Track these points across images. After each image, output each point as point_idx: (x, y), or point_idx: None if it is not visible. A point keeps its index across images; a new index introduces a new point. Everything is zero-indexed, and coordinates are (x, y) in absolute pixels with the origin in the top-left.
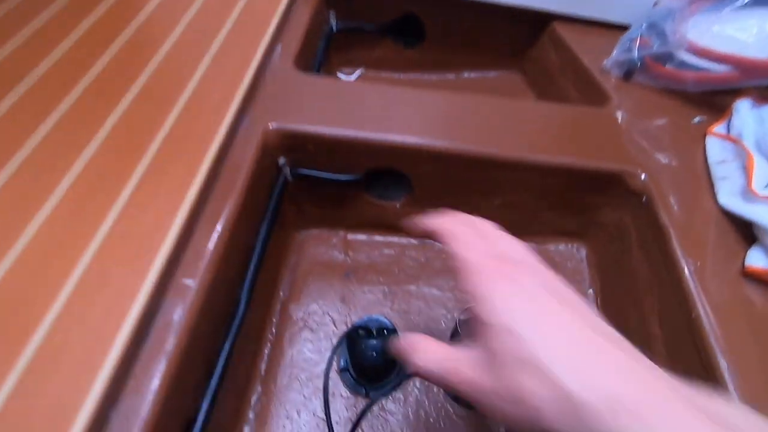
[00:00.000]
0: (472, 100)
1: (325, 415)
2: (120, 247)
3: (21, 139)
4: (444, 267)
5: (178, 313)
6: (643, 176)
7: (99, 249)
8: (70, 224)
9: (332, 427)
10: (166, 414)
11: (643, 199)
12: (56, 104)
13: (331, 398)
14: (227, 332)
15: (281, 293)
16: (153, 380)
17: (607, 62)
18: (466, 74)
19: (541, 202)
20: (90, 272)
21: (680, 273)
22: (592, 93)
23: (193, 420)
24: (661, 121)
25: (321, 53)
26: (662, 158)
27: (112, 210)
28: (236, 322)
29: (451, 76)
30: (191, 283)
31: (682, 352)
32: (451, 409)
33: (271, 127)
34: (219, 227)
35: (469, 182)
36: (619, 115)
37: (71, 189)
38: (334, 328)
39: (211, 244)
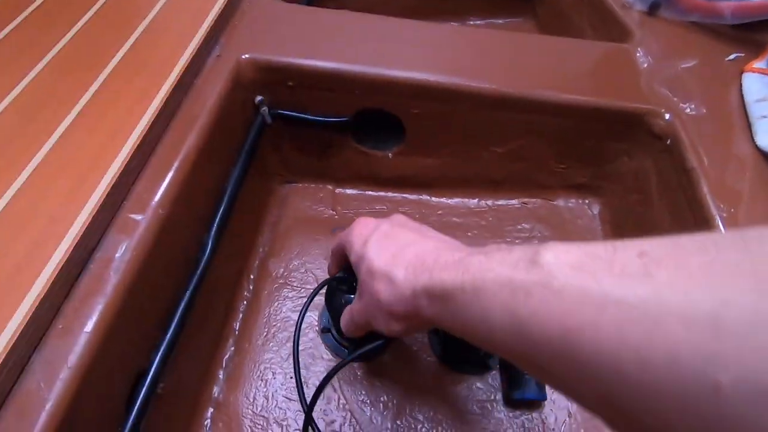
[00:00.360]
0: (474, 32)
1: (294, 372)
2: (58, 173)
3: None
4: (440, 223)
5: (121, 251)
6: (667, 116)
7: (34, 172)
8: (4, 145)
9: (302, 387)
10: (104, 363)
11: (668, 142)
12: (5, 24)
13: (311, 360)
14: (190, 283)
15: (261, 248)
16: (86, 322)
17: None
18: (471, 21)
19: (549, 150)
20: (21, 197)
21: (711, 222)
22: (611, 30)
23: (144, 374)
24: (690, 62)
25: None
26: (690, 101)
27: (54, 133)
28: (199, 269)
29: (454, 24)
30: (140, 218)
31: None
32: (443, 375)
33: (244, 58)
34: (177, 162)
35: (469, 127)
36: (642, 53)
37: (11, 107)
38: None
39: (167, 179)
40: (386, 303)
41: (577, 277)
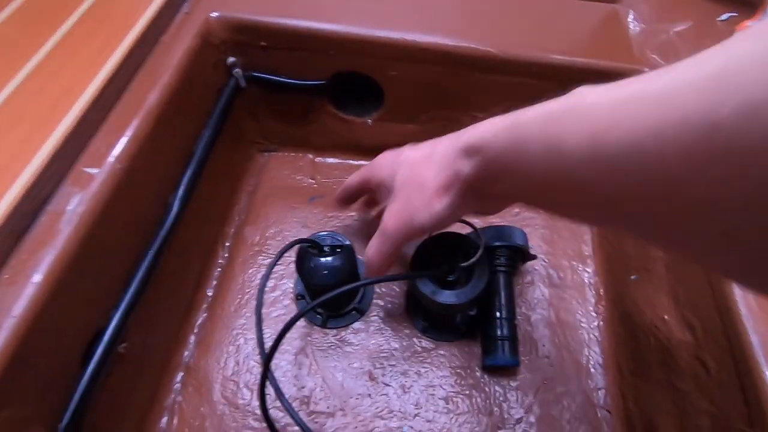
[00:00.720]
0: None
1: (256, 329)
2: (11, 123)
3: None
4: None
5: (74, 203)
6: None
7: None
8: None
9: (263, 345)
10: (55, 316)
11: None
12: None
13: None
14: (154, 243)
15: (237, 216)
16: (33, 273)
17: None
18: None
19: None
20: None
21: None
22: None
23: (102, 333)
24: (682, 25)
25: None
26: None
27: (9, 84)
28: (164, 230)
29: None
30: (95, 172)
31: (684, 273)
32: (416, 342)
33: (213, 16)
34: (137, 119)
35: (449, 90)
36: (633, 15)
37: None
38: (293, 255)
39: (127, 135)
40: (429, 177)
41: (604, 95)
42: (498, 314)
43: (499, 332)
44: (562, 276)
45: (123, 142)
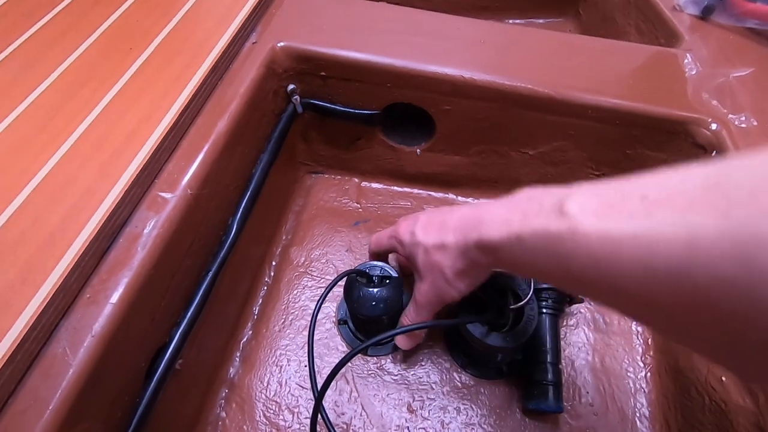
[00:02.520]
0: (512, 30)
1: (308, 358)
2: (94, 147)
3: (19, 30)
4: None
5: (150, 227)
6: (714, 126)
7: (72, 147)
8: (49, 117)
9: (314, 374)
10: (127, 334)
11: (713, 154)
12: (57, 3)
13: (326, 351)
14: (214, 263)
15: (284, 236)
16: (112, 294)
17: None
18: (510, 21)
19: (583, 156)
20: (59, 168)
21: None
22: (659, 33)
23: (164, 349)
24: (743, 71)
25: None
26: (741, 112)
27: (94, 109)
28: (223, 251)
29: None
30: (169, 197)
31: None
32: (456, 377)
33: (279, 46)
34: (207, 145)
35: (501, 126)
36: (690, 58)
37: (55, 84)
38: None
39: (197, 161)
40: (447, 266)
41: (596, 225)
42: (543, 358)
43: (544, 377)
44: (608, 321)
45: (194, 167)
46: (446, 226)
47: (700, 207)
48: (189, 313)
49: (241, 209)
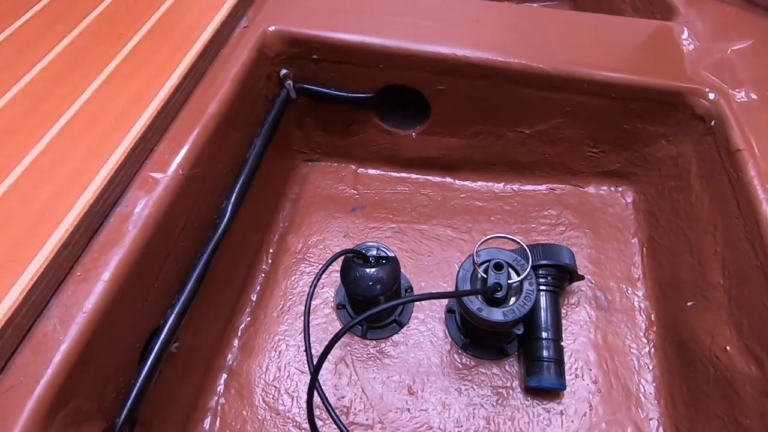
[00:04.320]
0: (506, 7)
1: (305, 336)
2: (84, 129)
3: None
4: (462, 207)
5: (141, 206)
6: (712, 95)
7: (62, 129)
8: (41, 99)
9: (310, 350)
10: (119, 313)
11: (712, 123)
12: None
13: (324, 335)
14: (208, 246)
15: (281, 223)
16: (104, 272)
17: None
18: (506, 2)
19: (581, 133)
20: (48, 150)
21: (756, 207)
22: (654, 9)
23: (159, 331)
24: (741, 44)
25: None
26: (740, 85)
27: (84, 92)
28: (217, 234)
29: None
30: (160, 177)
31: (750, 302)
32: (457, 358)
33: (270, 30)
34: (198, 127)
35: (496, 105)
36: (687, 32)
37: (47, 69)
38: (336, 263)
39: (188, 143)
40: None
41: None
42: (544, 335)
43: (545, 353)
44: (610, 298)
45: (185, 149)
46: None
47: None
48: (183, 296)
49: (234, 193)
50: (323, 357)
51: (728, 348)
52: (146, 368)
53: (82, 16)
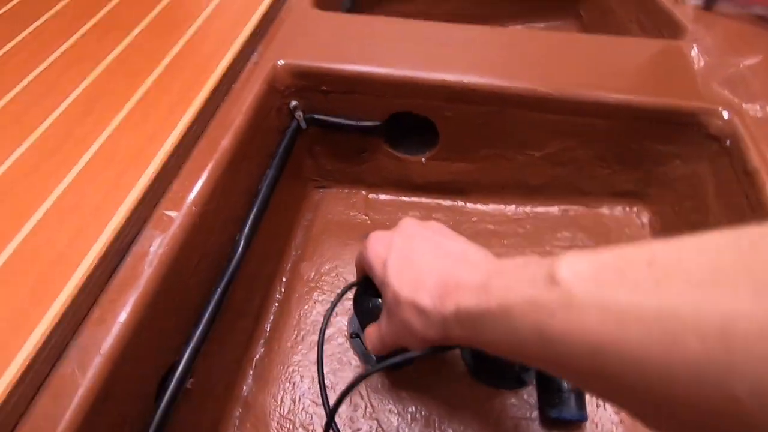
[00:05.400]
0: (511, 32)
1: (318, 375)
2: (102, 169)
3: (35, 61)
4: (474, 231)
5: (156, 245)
6: (726, 114)
7: (82, 170)
8: (60, 142)
9: (325, 390)
10: (136, 353)
11: (727, 143)
12: (71, 33)
13: (339, 366)
14: (222, 280)
15: (294, 251)
16: (120, 313)
17: None
18: (510, 27)
19: (591, 154)
20: (69, 190)
21: None
22: (662, 27)
23: (174, 368)
24: (753, 59)
25: (348, 1)
26: (754, 101)
27: (102, 132)
28: (231, 267)
29: None
30: (174, 215)
31: None
32: (474, 389)
33: (280, 64)
34: (212, 163)
35: (505, 130)
36: (697, 50)
37: (67, 110)
38: (349, 292)
39: (202, 179)
40: (418, 330)
41: (595, 294)
42: None
43: (565, 384)
44: None
45: (198, 185)
46: (422, 282)
47: (730, 285)
48: (198, 330)
49: (248, 225)
50: (340, 400)
51: None
52: (162, 406)
53: (101, 58)
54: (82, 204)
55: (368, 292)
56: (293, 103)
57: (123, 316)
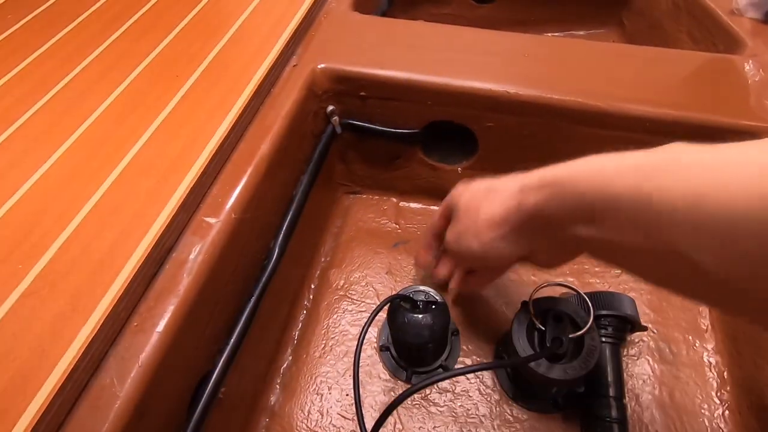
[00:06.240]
0: (555, 42)
1: (354, 395)
2: (142, 174)
3: (71, 64)
4: None
5: (195, 252)
6: None
7: (120, 175)
8: (99, 145)
9: (361, 413)
10: (173, 362)
11: None
12: (109, 35)
13: (368, 379)
14: (256, 288)
15: (323, 258)
16: (159, 322)
17: (739, 0)
18: (549, 35)
19: None
20: (108, 195)
21: None
22: (717, 40)
23: (208, 377)
24: None
25: (384, 3)
26: None
27: (142, 136)
28: (265, 275)
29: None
30: (213, 222)
31: None
32: (507, 410)
33: (319, 68)
34: (250, 168)
35: (547, 143)
36: (753, 65)
37: (106, 112)
38: (377, 300)
39: (241, 185)
40: (486, 208)
41: (705, 153)
42: (606, 392)
43: (608, 413)
44: (675, 351)
45: (237, 191)
46: (510, 176)
47: None
48: (232, 340)
49: (282, 232)
50: (379, 424)
51: None
52: (196, 415)
53: (140, 60)
54: (121, 210)
55: (404, 306)
56: (330, 107)
57: (161, 325)
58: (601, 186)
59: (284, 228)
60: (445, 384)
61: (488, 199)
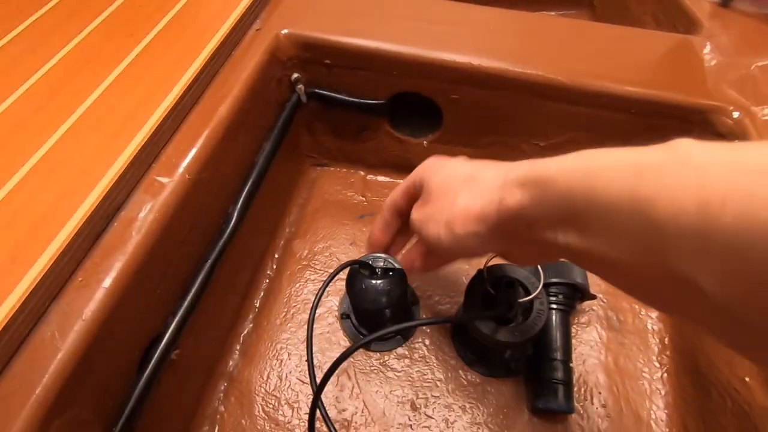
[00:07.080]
0: (523, 17)
1: (307, 352)
2: (92, 129)
3: (24, 14)
4: None
5: (145, 211)
6: (736, 114)
7: (69, 129)
8: (48, 99)
9: (313, 367)
10: (119, 321)
11: (735, 143)
12: None
13: (327, 345)
14: (212, 252)
15: (287, 228)
16: (105, 278)
17: None
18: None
19: (596, 147)
20: (55, 150)
21: None
22: (677, 22)
23: (159, 338)
24: (765, 61)
25: None
26: (765, 103)
27: (93, 92)
28: (222, 240)
29: None
30: (166, 181)
31: None
32: (462, 375)
33: (283, 33)
34: (207, 130)
35: (511, 117)
36: (710, 47)
37: (57, 66)
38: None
39: (197, 146)
40: (464, 199)
41: (719, 154)
42: (554, 356)
43: (554, 375)
44: (622, 319)
45: (192, 152)
46: (487, 164)
47: None
48: (185, 303)
49: (241, 198)
50: (326, 378)
51: (747, 379)
52: (145, 376)
53: (94, 15)
54: (68, 165)
55: (362, 273)
56: (295, 75)
57: (107, 282)
58: (589, 187)
59: (244, 194)
60: (402, 349)
61: (468, 187)
